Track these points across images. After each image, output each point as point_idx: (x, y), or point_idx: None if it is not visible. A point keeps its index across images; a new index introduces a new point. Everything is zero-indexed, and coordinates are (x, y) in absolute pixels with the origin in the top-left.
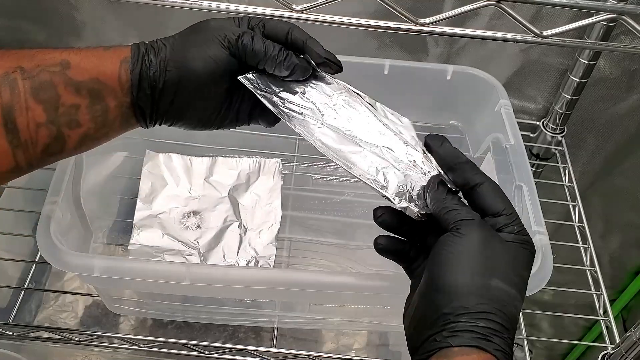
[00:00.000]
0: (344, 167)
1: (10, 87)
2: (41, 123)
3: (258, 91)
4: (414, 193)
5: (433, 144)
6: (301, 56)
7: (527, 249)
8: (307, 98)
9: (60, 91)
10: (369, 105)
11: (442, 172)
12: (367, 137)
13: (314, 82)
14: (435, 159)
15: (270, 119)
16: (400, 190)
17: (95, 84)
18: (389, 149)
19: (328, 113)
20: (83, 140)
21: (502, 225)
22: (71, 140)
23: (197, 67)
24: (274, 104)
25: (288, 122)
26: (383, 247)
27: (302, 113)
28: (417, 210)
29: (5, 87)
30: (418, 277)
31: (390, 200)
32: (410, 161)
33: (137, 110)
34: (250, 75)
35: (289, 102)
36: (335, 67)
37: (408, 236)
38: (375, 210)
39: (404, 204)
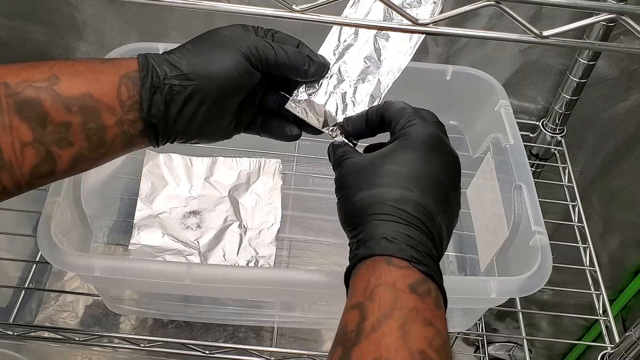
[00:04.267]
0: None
1: None
2: (27, 142)
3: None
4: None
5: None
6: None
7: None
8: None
9: (48, 108)
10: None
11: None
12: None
13: None
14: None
15: (284, 132)
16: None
17: (87, 100)
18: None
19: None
20: (77, 160)
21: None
22: (63, 161)
23: (220, 79)
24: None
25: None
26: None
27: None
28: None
29: None
30: None
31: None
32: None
33: (149, 129)
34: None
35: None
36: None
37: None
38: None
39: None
